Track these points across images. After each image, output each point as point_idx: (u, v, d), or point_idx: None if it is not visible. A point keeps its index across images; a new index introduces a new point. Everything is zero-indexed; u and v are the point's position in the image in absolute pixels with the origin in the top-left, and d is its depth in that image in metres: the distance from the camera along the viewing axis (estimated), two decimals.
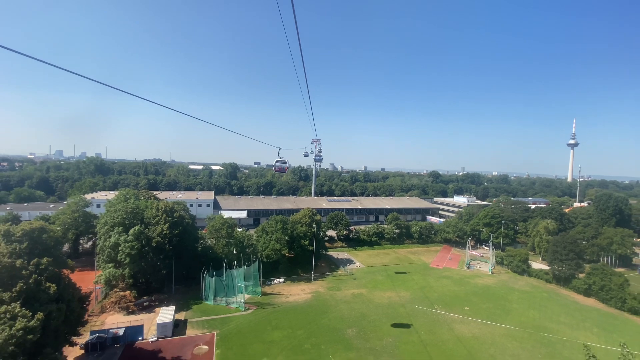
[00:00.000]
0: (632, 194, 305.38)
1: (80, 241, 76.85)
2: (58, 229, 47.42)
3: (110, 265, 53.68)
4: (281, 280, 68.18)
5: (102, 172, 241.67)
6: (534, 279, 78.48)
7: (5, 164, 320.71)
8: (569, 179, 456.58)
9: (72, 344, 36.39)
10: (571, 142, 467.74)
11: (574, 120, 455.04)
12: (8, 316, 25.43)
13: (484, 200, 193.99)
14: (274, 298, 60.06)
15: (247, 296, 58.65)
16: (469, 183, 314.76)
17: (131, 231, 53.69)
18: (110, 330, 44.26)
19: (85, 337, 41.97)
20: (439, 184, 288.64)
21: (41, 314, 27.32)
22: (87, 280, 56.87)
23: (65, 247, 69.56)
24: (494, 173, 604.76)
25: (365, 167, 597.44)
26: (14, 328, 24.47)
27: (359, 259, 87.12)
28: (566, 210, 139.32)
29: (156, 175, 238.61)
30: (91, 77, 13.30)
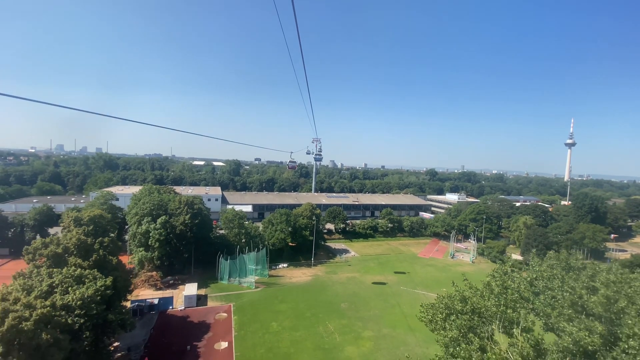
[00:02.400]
0: (625, 193, 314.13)
1: None
2: (108, 215, 56.80)
3: (141, 249, 63.23)
4: (285, 265, 77.86)
5: (110, 167, 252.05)
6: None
7: (11, 158, 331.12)
8: (566, 178, 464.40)
9: (123, 307, 45.84)
10: (569, 141, 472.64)
11: (572, 120, 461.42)
12: (91, 277, 34.88)
13: (478, 198, 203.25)
14: (279, 279, 69.74)
15: (256, 277, 68.21)
16: (465, 181, 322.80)
17: (159, 220, 63.19)
18: (147, 300, 53.93)
19: (127, 305, 51.53)
20: (435, 182, 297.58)
21: (111, 277, 36.79)
22: None
23: None
24: (493, 171, 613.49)
25: (365, 165, 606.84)
26: (98, 284, 33.92)
27: (354, 249, 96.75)
28: (550, 208, 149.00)
29: (160, 170, 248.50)
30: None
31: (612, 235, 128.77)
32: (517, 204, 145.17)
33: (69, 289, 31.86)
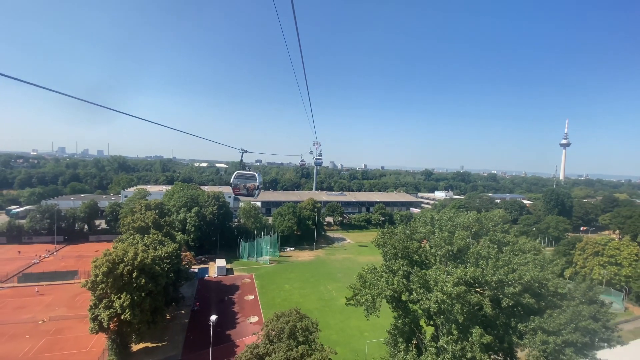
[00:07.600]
0: (616, 192, 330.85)
1: None
2: (168, 203, 73.32)
3: (179, 233, 79.75)
4: (292, 248, 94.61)
5: (123, 169, 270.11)
6: None
7: (21, 160, 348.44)
8: (561, 177, 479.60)
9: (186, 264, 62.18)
10: (563, 141, 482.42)
11: (567, 121, 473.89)
12: (167, 242, 51.53)
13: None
14: (288, 258, 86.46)
15: (269, 256, 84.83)
16: (459, 181, 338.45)
17: (193, 210, 79.94)
18: (189, 270, 70.45)
19: None
20: (430, 182, 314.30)
21: (177, 244, 53.47)
22: None
23: None
24: (492, 171, 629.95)
25: (365, 166, 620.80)
26: (173, 246, 50.54)
27: (350, 238, 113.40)
28: (528, 204, 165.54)
29: (168, 172, 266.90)
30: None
31: (582, 227, 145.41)
32: (498, 201, 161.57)
33: (157, 247, 48.55)
